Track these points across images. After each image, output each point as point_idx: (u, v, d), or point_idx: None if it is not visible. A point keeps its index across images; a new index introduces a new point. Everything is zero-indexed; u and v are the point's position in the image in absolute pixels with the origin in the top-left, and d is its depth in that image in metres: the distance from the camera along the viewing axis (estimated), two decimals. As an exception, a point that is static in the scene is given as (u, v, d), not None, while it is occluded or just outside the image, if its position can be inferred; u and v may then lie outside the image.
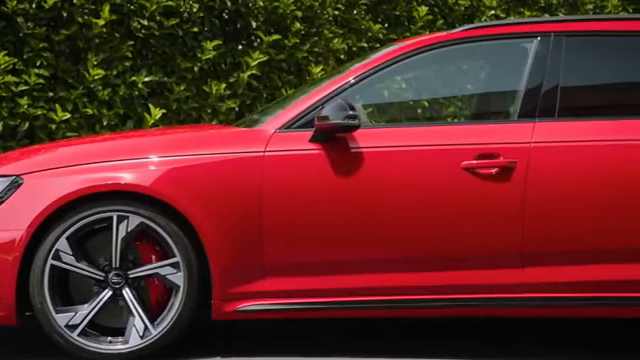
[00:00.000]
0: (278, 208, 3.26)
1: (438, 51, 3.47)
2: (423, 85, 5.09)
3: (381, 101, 4.36)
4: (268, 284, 3.26)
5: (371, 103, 4.01)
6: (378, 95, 4.08)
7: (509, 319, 3.64)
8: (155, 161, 3.26)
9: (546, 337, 3.65)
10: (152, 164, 3.26)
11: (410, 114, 5.22)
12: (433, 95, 4.94)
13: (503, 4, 6.08)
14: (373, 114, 4.05)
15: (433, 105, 5.17)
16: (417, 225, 3.27)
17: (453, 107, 5.01)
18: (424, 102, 5.12)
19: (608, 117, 3.37)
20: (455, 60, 4.06)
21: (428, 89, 5.02)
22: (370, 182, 3.28)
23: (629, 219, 3.23)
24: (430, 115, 5.30)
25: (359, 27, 5.69)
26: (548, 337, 3.66)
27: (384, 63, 3.41)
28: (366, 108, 5.01)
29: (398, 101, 5.06)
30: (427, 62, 3.62)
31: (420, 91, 4.99)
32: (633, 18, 3.66)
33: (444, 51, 3.49)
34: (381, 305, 3.29)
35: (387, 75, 3.46)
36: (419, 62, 3.48)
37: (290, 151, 3.31)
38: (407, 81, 5.19)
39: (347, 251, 3.28)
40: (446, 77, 4.80)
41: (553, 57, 3.37)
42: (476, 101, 4.61)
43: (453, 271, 3.27)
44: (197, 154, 3.29)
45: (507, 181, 3.26)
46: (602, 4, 6.27)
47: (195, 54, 5.13)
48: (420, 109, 5.25)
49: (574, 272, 3.25)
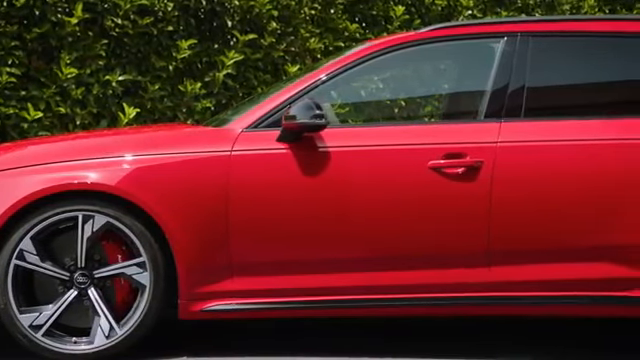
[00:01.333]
0: (245, 207, 3.26)
1: (406, 51, 3.48)
2: (392, 85, 5.10)
3: (350, 100, 4.37)
4: (235, 284, 3.26)
5: (337, 102, 4.02)
6: (346, 94, 4.08)
7: (498, 319, 3.65)
8: (121, 160, 3.25)
9: (532, 336, 3.68)
10: (118, 163, 3.24)
11: (381, 113, 5.23)
12: (402, 95, 4.95)
13: (480, 4, 6.10)
14: (341, 113, 4.06)
15: (404, 104, 5.18)
16: (384, 224, 3.28)
17: (423, 106, 5.02)
18: (389, 101, 5.14)
19: (574, 117, 3.38)
20: (423, 60, 4.05)
21: (397, 89, 5.03)
22: (337, 181, 3.29)
23: (594, 218, 3.25)
24: (403, 115, 5.31)
25: (336, 27, 5.70)
26: (534, 336, 3.68)
27: (351, 63, 3.41)
28: (337, 107, 5.05)
29: (368, 100, 5.06)
30: (395, 62, 3.62)
31: (389, 91, 4.99)
32: (598, 19, 3.68)
33: (412, 51, 3.50)
34: (349, 304, 3.29)
35: (354, 75, 3.46)
36: (387, 62, 3.48)
37: (257, 150, 3.31)
38: (378, 81, 5.19)
39: (314, 250, 3.28)
40: (415, 77, 4.81)
41: (519, 57, 3.39)
42: (444, 101, 4.62)
43: (420, 270, 3.28)
44: (164, 153, 3.28)
45: (473, 180, 3.28)
46: (579, 4, 6.31)
47: (170, 53, 5.12)
48: (390, 108, 5.26)
49: (540, 271, 3.27)
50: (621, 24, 3.54)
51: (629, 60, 3.46)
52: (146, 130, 3.81)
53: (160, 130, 3.73)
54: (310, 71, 3.55)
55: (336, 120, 3.68)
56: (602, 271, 3.25)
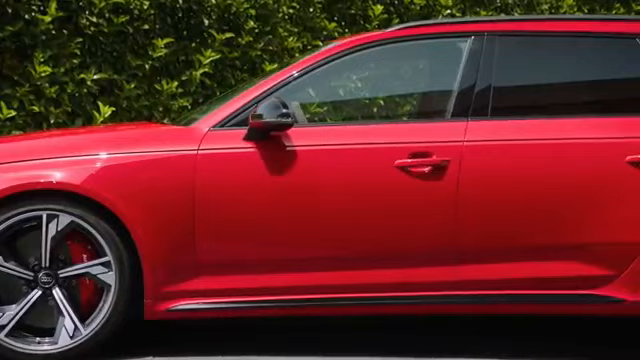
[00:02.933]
0: (211, 206, 3.25)
1: (374, 50, 3.48)
2: (370, 84, 5.10)
3: (328, 99, 4.37)
4: (201, 283, 3.25)
5: (305, 101, 4.02)
6: (323, 93, 4.08)
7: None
8: (86, 159, 3.24)
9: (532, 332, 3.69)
10: (83, 162, 3.23)
11: (359, 112, 5.22)
12: (380, 94, 4.95)
13: (459, 4, 6.11)
14: (319, 112, 4.06)
15: (382, 104, 5.18)
16: (351, 223, 3.27)
17: (402, 105, 5.02)
18: (368, 100, 5.14)
19: (540, 116, 3.39)
20: (391, 59, 4.05)
21: (375, 88, 5.02)
22: (304, 180, 3.28)
23: (561, 217, 3.25)
24: (382, 114, 5.30)
25: (314, 25, 5.69)
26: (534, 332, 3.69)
27: (318, 62, 3.41)
28: (315, 106, 5.04)
29: (346, 99, 5.05)
30: (363, 61, 3.61)
31: (367, 90, 4.99)
32: (565, 19, 3.69)
33: (380, 50, 3.49)
34: (316, 303, 3.28)
35: (322, 74, 3.44)
36: (355, 61, 3.48)
37: (223, 149, 3.30)
38: (357, 80, 5.19)
39: (281, 249, 3.27)
40: (393, 76, 4.81)
41: (486, 57, 3.39)
42: (410, 100, 4.63)
43: (387, 269, 3.28)
44: (130, 152, 3.27)
45: (440, 180, 3.28)
46: (557, 4, 6.32)
47: (146, 52, 5.10)
48: (369, 107, 5.26)
49: (508, 269, 3.27)
50: (588, 24, 3.54)
51: (596, 60, 3.47)
52: (114, 129, 3.80)
53: (128, 129, 3.72)
54: (277, 70, 3.55)
55: (304, 119, 3.68)
56: (569, 269, 3.25)
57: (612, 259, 3.23)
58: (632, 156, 3.24)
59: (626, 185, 3.24)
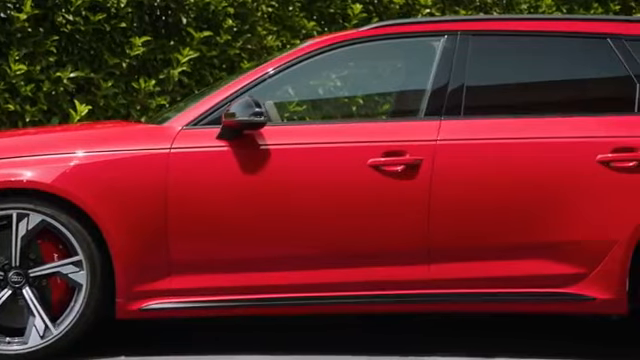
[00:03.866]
0: (184, 205, 3.24)
1: (347, 48, 3.48)
2: (349, 83, 5.10)
3: (293, 99, 4.36)
4: (174, 282, 3.24)
5: (282, 101, 4.01)
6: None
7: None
8: (58, 158, 3.22)
9: (531, 330, 3.70)
10: (55, 161, 3.21)
11: (338, 111, 5.22)
12: (358, 93, 4.94)
13: (438, 3, 6.11)
14: (287, 111, 4.05)
15: (361, 102, 5.18)
16: (324, 222, 3.28)
17: (382, 104, 5.02)
18: (347, 99, 5.14)
19: (512, 116, 3.40)
20: (365, 58, 4.06)
21: (354, 87, 5.02)
22: (277, 179, 3.28)
23: (533, 215, 3.27)
24: (361, 112, 5.30)
25: (293, 24, 5.68)
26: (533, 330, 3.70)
27: (291, 61, 3.41)
28: (294, 105, 5.04)
29: (326, 98, 5.05)
30: (336, 60, 3.61)
31: (347, 89, 4.98)
32: (537, 18, 3.72)
33: (354, 48, 3.50)
34: (289, 302, 3.28)
35: (294, 73, 3.44)
36: (327, 60, 3.47)
37: (196, 148, 3.29)
38: (337, 79, 5.19)
39: (254, 249, 3.27)
40: (358, 75, 4.82)
41: (459, 56, 3.40)
42: (384, 99, 4.64)
43: (360, 268, 3.28)
44: (101, 151, 3.26)
45: (413, 178, 3.29)
46: (536, 4, 6.34)
47: (123, 50, 5.08)
48: (348, 106, 5.26)
49: (479, 268, 3.28)
50: (560, 24, 3.57)
51: (567, 60, 3.49)
52: (87, 127, 3.78)
53: (101, 127, 3.70)
54: (250, 69, 3.54)
55: (278, 118, 3.67)
56: (540, 268, 3.27)
57: (583, 257, 3.25)
58: (602, 155, 3.27)
59: (597, 184, 3.26)
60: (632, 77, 3.38)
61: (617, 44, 3.40)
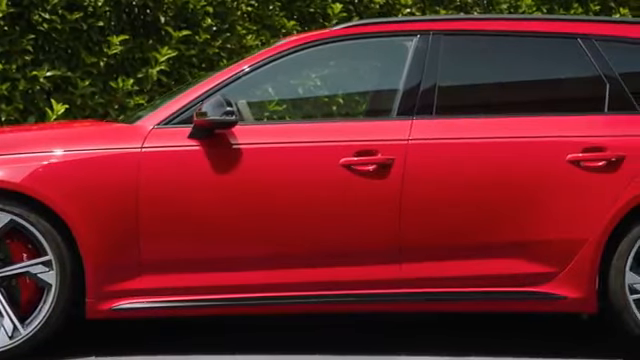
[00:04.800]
0: (155, 205, 3.23)
1: (320, 48, 3.47)
2: (328, 82, 5.10)
3: (267, 98, 4.36)
4: (145, 282, 3.23)
5: (255, 100, 4.01)
6: (263, 92, 4.06)
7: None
8: (27, 157, 3.20)
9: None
10: (25, 160, 3.19)
11: (319, 111, 5.22)
12: (334, 92, 4.94)
13: (419, 2, 6.12)
14: (262, 110, 4.05)
15: (341, 102, 5.18)
16: (296, 222, 3.27)
17: (361, 104, 5.02)
18: (327, 98, 5.14)
19: (484, 115, 3.40)
20: (338, 57, 4.06)
21: (333, 86, 5.01)
22: (249, 179, 3.27)
23: (504, 215, 3.27)
24: (342, 112, 5.30)
25: (273, 23, 5.67)
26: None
27: (262, 61, 3.40)
28: (274, 105, 5.02)
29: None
30: (310, 59, 3.60)
31: (326, 88, 4.97)
32: (509, 18, 3.73)
33: (327, 48, 3.50)
34: (261, 302, 3.28)
35: (267, 73, 3.43)
36: (301, 59, 3.47)
37: (167, 147, 3.28)
38: (316, 78, 5.19)
39: (225, 248, 3.26)
40: (332, 74, 4.81)
41: (431, 56, 3.40)
42: (357, 99, 4.64)
43: (332, 267, 3.28)
44: (71, 150, 3.24)
45: (385, 178, 3.29)
46: (516, 4, 6.36)
47: (101, 49, 5.05)
48: (328, 106, 5.26)
49: (450, 267, 3.29)
50: (531, 24, 3.58)
51: (538, 59, 3.50)
52: (58, 127, 3.76)
53: (73, 127, 3.69)
54: (222, 70, 3.53)
55: (251, 117, 3.67)
56: (511, 267, 3.28)
57: (553, 256, 3.26)
58: (573, 155, 3.28)
59: (567, 183, 3.27)
60: (602, 77, 3.39)
61: (587, 44, 3.42)
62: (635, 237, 3.23)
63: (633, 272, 3.24)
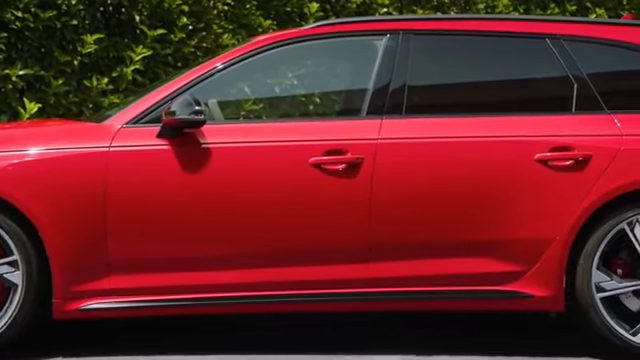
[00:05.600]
0: (123, 204, 3.21)
1: (291, 47, 3.47)
2: (305, 81, 5.09)
3: (238, 97, 4.35)
4: (113, 282, 3.21)
5: (225, 99, 4.00)
6: (233, 90, 4.05)
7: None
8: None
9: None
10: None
11: (296, 110, 5.21)
12: (306, 91, 4.93)
13: (395, 2, 6.13)
14: (231, 109, 4.04)
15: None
16: (265, 221, 3.27)
17: (338, 103, 5.02)
18: (304, 98, 5.14)
19: (453, 115, 3.42)
20: (309, 56, 4.06)
21: (309, 85, 5.01)
22: (218, 178, 3.26)
23: (473, 214, 3.27)
24: (319, 111, 5.30)
25: (249, 22, 5.66)
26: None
27: (233, 60, 3.39)
28: (251, 104, 5.01)
29: (282, 97, 5.03)
30: (279, 58, 3.59)
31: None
32: (478, 18, 3.74)
33: (297, 47, 3.49)
34: (231, 301, 3.27)
35: (235, 72, 3.42)
36: (271, 58, 3.46)
37: (136, 146, 3.26)
38: (293, 77, 5.18)
39: (194, 247, 3.25)
40: (308, 74, 4.80)
41: (401, 55, 3.41)
42: (328, 98, 4.64)
43: (302, 267, 3.28)
44: (38, 149, 3.22)
45: (354, 177, 3.29)
46: (493, 4, 6.39)
47: (75, 47, 5.02)
48: (305, 105, 5.25)
49: (420, 266, 3.29)
50: (500, 24, 3.59)
51: (507, 59, 3.52)
52: (26, 125, 3.73)
53: (41, 125, 3.66)
54: (191, 69, 3.52)
55: (221, 116, 3.66)
56: (479, 266, 3.29)
57: (521, 255, 3.28)
58: (541, 154, 3.30)
59: (535, 182, 3.29)
60: (570, 77, 3.41)
61: (555, 44, 3.44)
62: (601, 236, 3.25)
63: (600, 271, 3.26)
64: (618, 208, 3.25)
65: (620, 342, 3.24)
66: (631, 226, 3.24)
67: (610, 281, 3.25)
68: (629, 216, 3.24)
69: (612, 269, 3.30)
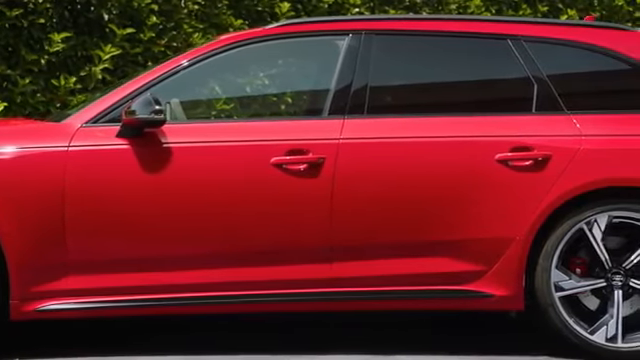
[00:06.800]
0: (82, 204, 3.19)
1: (253, 46, 3.47)
2: (277, 81, 5.09)
3: (201, 97, 4.33)
4: (71, 282, 3.19)
5: (189, 99, 3.98)
6: (195, 90, 4.03)
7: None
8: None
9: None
10: (-54, 159, 3.14)
11: (266, 110, 5.20)
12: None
13: (368, 2, 6.13)
14: (188, 109, 4.02)
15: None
16: (227, 221, 3.26)
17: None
18: (275, 97, 5.13)
19: (415, 115, 3.42)
20: (272, 56, 4.05)
21: (280, 85, 4.99)
22: (178, 178, 3.25)
23: (433, 214, 3.29)
24: (290, 111, 5.28)
25: (220, 22, 5.64)
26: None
27: (194, 59, 3.38)
28: (222, 104, 4.99)
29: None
30: (242, 58, 3.58)
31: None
32: (441, 18, 3.75)
33: (260, 46, 3.49)
34: (191, 302, 3.26)
35: (197, 72, 3.41)
36: (234, 57, 3.45)
37: (95, 146, 3.24)
38: (264, 77, 5.17)
39: (154, 248, 3.24)
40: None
41: (363, 55, 3.41)
42: (291, 98, 4.63)
43: (264, 267, 3.27)
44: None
45: (316, 177, 3.29)
46: (465, 4, 6.41)
47: (42, 46, 4.98)
48: (276, 105, 5.25)
49: (381, 266, 3.30)
50: (462, 24, 3.61)
51: (469, 60, 3.53)
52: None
53: (0, 125, 3.62)
54: (152, 68, 3.51)
55: (184, 116, 3.64)
56: (440, 265, 3.30)
57: (482, 255, 3.29)
58: (501, 154, 3.31)
59: (495, 182, 3.30)
60: (530, 78, 3.43)
61: (516, 45, 3.45)
62: (560, 236, 3.27)
63: (559, 270, 3.28)
64: (577, 208, 3.27)
65: (578, 341, 3.27)
66: (589, 226, 3.27)
67: (569, 280, 3.28)
68: (587, 216, 3.26)
69: (571, 268, 3.33)
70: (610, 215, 3.26)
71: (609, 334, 3.24)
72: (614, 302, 3.25)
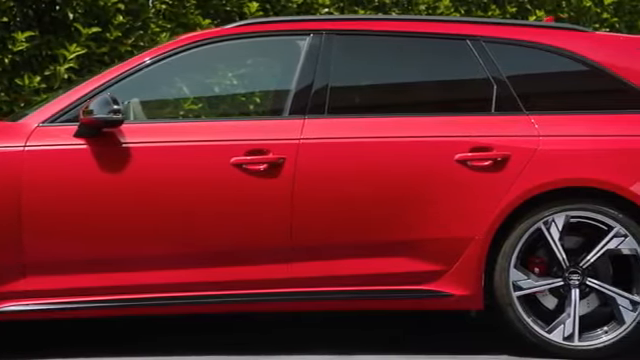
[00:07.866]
0: (39, 205, 3.16)
1: (214, 46, 3.45)
2: (246, 81, 5.07)
3: (163, 96, 4.32)
4: (29, 283, 3.16)
5: (149, 98, 3.96)
6: (156, 89, 4.01)
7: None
8: None
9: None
10: None
11: (235, 110, 5.18)
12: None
13: (337, 2, 6.14)
14: (150, 109, 4.00)
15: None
16: (186, 221, 3.24)
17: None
18: (244, 97, 5.12)
19: (375, 115, 3.43)
20: (234, 55, 4.03)
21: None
22: (136, 178, 3.23)
23: (393, 214, 3.30)
24: (259, 111, 5.27)
25: (188, 22, 5.61)
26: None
27: (154, 58, 3.37)
28: (190, 103, 4.96)
29: (221, 96, 4.99)
30: (202, 57, 3.55)
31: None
32: (401, 19, 3.77)
33: (221, 46, 3.47)
34: (150, 303, 3.24)
35: (156, 71, 3.39)
36: (193, 57, 3.43)
37: (52, 146, 3.21)
38: (233, 77, 5.15)
39: (112, 248, 3.22)
40: (268, 73, 4.78)
41: (324, 55, 3.41)
42: (260, 97, 4.62)
43: (224, 267, 3.26)
44: (-51, 149, 3.15)
45: (276, 177, 3.28)
46: (435, 5, 6.44)
47: (6, 45, 4.93)
48: (245, 105, 5.23)
49: (341, 266, 3.30)
50: (423, 25, 3.62)
51: (429, 60, 3.55)
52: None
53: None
54: (110, 68, 3.49)
55: (143, 116, 3.62)
56: (400, 265, 3.31)
57: (441, 255, 3.30)
58: (461, 154, 3.33)
59: (455, 182, 3.31)
60: (489, 78, 3.45)
61: (475, 45, 3.47)
62: (519, 235, 3.30)
63: (517, 270, 3.30)
64: (535, 208, 3.29)
65: (537, 340, 3.29)
66: (547, 225, 3.30)
67: (527, 280, 3.31)
68: (545, 216, 3.29)
69: (529, 268, 3.35)
70: (568, 215, 3.29)
71: (566, 333, 3.27)
72: (571, 301, 3.28)
